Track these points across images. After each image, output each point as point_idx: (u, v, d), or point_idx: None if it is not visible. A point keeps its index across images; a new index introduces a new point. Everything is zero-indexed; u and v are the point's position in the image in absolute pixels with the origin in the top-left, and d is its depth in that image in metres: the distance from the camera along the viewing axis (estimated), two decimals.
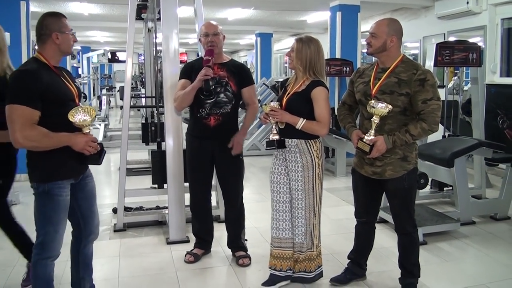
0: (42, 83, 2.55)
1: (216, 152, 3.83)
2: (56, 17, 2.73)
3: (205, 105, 3.72)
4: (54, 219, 2.71)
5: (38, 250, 2.75)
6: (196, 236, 4.16)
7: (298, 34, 14.55)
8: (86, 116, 2.65)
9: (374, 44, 3.09)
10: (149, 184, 5.31)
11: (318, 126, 3.29)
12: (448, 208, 5.42)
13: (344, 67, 8.14)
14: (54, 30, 2.68)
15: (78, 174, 2.85)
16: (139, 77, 17.30)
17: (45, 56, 2.70)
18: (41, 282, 2.79)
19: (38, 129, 2.53)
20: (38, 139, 2.54)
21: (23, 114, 2.49)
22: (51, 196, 2.68)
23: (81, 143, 2.64)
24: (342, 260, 3.83)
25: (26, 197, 6.11)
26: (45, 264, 2.76)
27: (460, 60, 5.50)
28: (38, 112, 2.54)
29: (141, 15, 6.98)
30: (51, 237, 2.72)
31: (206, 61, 3.61)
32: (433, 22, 8.90)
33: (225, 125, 3.78)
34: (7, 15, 6.87)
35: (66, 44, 2.74)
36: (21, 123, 2.48)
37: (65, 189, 2.73)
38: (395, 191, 3.20)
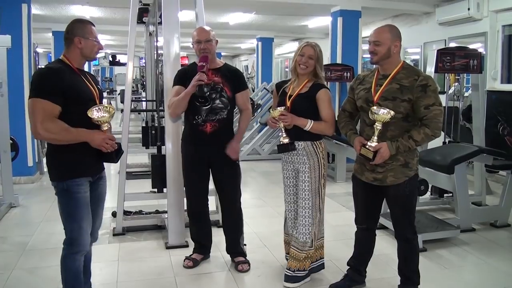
0: (64, 80, 2.68)
1: (212, 158, 3.83)
2: (82, 23, 2.88)
3: (201, 112, 3.71)
4: (77, 216, 2.81)
5: (67, 246, 2.87)
6: (195, 241, 4.14)
7: (299, 39, 14.60)
8: (104, 113, 2.76)
9: (380, 52, 3.07)
10: (149, 188, 5.30)
11: (325, 126, 3.45)
12: (448, 215, 5.41)
13: (345, 72, 8.15)
14: (77, 35, 2.81)
15: (95, 172, 2.96)
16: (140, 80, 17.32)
17: (69, 58, 2.83)
18: (70, 275, 2.90)
19: (59, 122, 2.66)
20: (58, 131, 2.65)
21: (44, 107, 2.61)
22: (70, 194, 2.78)
23: (98, 140, 2.75)
24: (341, 267, 3.82)
25: (25, 200, 6.13)
26: (74, 259, 2.88)
27: (461, 66, 5.49)
28: (59, 107, 2.66)
29: (143, 19, 7.01)
30: (76, 233, 2.83)
31: (200, 67, 3.60)
32: (434, 28, 8.91)
33: (221, 131, 3.78)
34: (8, 17, 6.88)
35: (89, 49, 2.86)
36: (42, 116, 2.60)
37: (83, 186, 2.82)
38: (396, 198, 3.20)
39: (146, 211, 5.22)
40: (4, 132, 5.78)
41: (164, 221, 4.89)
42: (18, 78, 6.86)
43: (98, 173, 3.00)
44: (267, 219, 5.48)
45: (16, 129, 6.50)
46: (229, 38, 16.08)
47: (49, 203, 5.82)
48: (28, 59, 7.14)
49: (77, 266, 2.90)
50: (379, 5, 8.65)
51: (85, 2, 9.18)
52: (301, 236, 3.52)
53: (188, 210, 4.10)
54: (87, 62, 3.06)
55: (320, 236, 3.64)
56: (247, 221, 5.09)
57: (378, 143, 3.05)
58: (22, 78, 6.96)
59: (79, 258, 2.90)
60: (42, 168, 7.79)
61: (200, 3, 4.68)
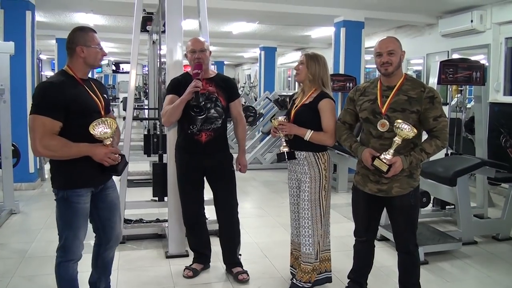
0: (65, 95, 2.66)
1: (208, 167, 3.82)
2: (83, 31, 2.83)
3: (196, 122, 3.71)
4: (74, 225, 2.81)
5: (60, 253, 2.87)
6: (194, 251, 4.13)
7: (302, 48, 14.62)
8: (106, 128, 2.73)
9: (394, 61, 3.05)
10: (150, 196, 5.29)
11: (325, 136, 3.44)
12: (450, 227, 5.38)
13: (348, 82, 8.16)
14: (79, 44, 2.78)
15: (98, 184, 2.94)
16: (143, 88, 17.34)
17: (73, 68, 2.81)
18: (64, 283, 2.91)
19: (57, 139, 2.65)
20: (57, 149, 2.65)
21: (43, 124, 2.60)
22: (69, 203, 2.78)
23: (100, 154, 2.74)
24: (342, 279, 3.79)
25: (25, 207, 6.12)
26: (67, 266, 2.88)
27: (463, 78, 5.49)
28: (59, 123, 2.65)
29: (146, 27, 7.02)
30: (70, 242, 2.83)
31: (195, 74, 3.63)
32: (437, 40, 8.92)
33: (216, 140, 3.78)
34: (12, 24, 6.92)
35: (92, 57, 2.82)
36: (41, 133, 2.60)
37: (83, 197, 2.81)
38: (402, 208, 3.18)
39: (146, 219, 5.20)
40: (6, 138, 5.77)
41: (164, 230, 4.87)
42: (21, 84, 6.88)
43: (102, 183, 2.98)
44: (269, 229, 5.46)
45: (18, 136, 6.50)
46: (232, 47, 16.13)
47: (50, 210, 5.80)
48: (31, 66, 7.17)
49: (70, 274, 2.90)
50: (382, 16, 8.68)
51: (89, 10, 9.21)
52: (303, 247, 3.51)
53: (185, 220, 4.09)
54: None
55: (325, 249, 3.61)
56: (248, 231, 5.08)
57: (393, 156, 3.02)
58: (25, 84, 6.98)
59: (72, 265, 2.89)
60: (44, 175, 7.80)
61: (204, 12, 4.68)
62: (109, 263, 3.24)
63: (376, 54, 3.11)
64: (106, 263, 3.21)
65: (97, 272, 3.21)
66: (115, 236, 3.14)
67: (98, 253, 3.15)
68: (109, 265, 3.25)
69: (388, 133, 3.03)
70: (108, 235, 3.09)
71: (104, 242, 3.12)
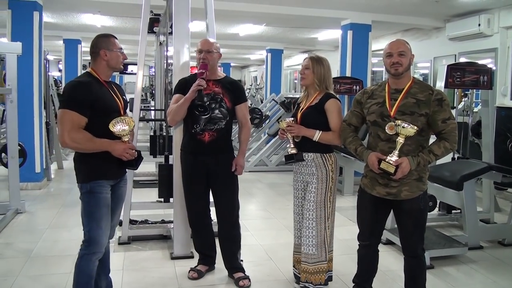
0: (92, 94, 2.88)
1: (210, 168, 3.82)
2: (105, 37, 3.08)
3: (199, 121, 3.72)
4: (97, 215, 2.96)
5: (85, 246, 2.99)
6: (199, 252, 4.12)
7: (309, 51, 14.61)
8: (125, 126, 2.95)
9: (404, 63, 3.05)
10: (156, 197, 5.29)
11: (334, 136, 3.46)
12: (456, 232, 5.36)
13: (354, 85, 8.16)
14: (103, 48, 3.01)
15: (116, 177, 3.13)
16: (149, 89, 17.37)
17: (97, 71, 3.04)
18: (83, 276, 3.00)
19: (83, 133, 2.86)
20: (82, 142, 2.86)
21: (72, 118, 2.81)
22: (93, 194, 2.95)
23: (119, 150, 2.94)
24: (347, 282, 3.79)
25: (31, 206, 6.14)
26: (89, 260, 2.98)
27: (471, 82, 5.48)
28: (85, 119, 2.86)
29: (153, 29, 7.04)
30: (94, 233, 2.96)
31: (200, 74, 3.65)
32: (444, 43, 8.90)
33: (219, 141, 3.79)
34: (20, 25, 6.96)
35: (114, 60, 3.06)
36: (70, 126, 2.81)
37: (105, 187, 3.00)
38: (410, 212, 3.16)
39: (152, 220, 5.21)
40: (12, 138, 5.80)
41: (170, 231, 4.88)
42: (28, 85, 6.91)
43: (120, 176, 3.18)
44: (274, 231, 5.45)
45: (24, 136, 6.54)
46: (239, 49, 16.13)
47: (55, 210, 5.83)
48: (39, 66, 7.19)
49: (91, 269, 3.00)
50: (390, 19, 8.67)
51: (97, 11, 9.25)
52: (305, 247, 3.50)
53: (190, 222, 4.09)
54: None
55: (330, 250, 3.61)
56: (253, 233, 5.08)
57: (399, 157, 3.02)
58: (32, 85, 7.01)
59: (94, 260, 3.00)
60: (50, 175, 7.83)
61: (211, 14, 4.69)
62: (106, 259, 3.30)
63: (386, 55, 3.10)
64: (104, 259, 3.24)
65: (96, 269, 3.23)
66: (112, 229, 3.22)
67: None
68: (107, 261, 3.32)
69: (396, 135, 3.02)
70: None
71: None
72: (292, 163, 3.59)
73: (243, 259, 4.08)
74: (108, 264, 3.34)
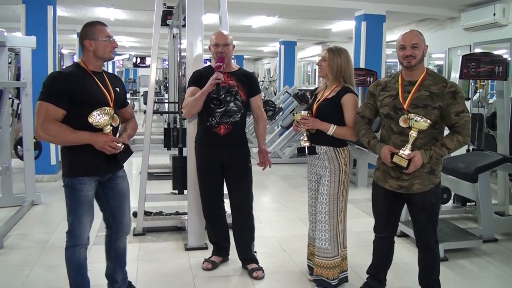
0: (70, 85, 2.80)
1: (225, 160, 3.83)
2: (91, 25, 2.96)
3: (215, 114, 3.73)
4: (78, 212, 2.94)
5: (67, 238, 3.01)
6: (213, 243, 4.15)
7: (323, 42, 14.55)
8: (104, 116, 2.82)
9: (418, 55, 3.02)
10: (170, 189, 5.33)
11: (348, 131, 3.42)
12: (471, 224, 5.33)
13: (368, 77, 8.10)
14: (87, 38, 2.91)
15: (103, 173, 3.03)
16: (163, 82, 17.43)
17: (85, 62, 2.95)
18: (72, 267, 3.04)
19: (57, 124, 2.78)
20: (56, 133, 2.79)
21: (47, 110, 2.76)
22: (73, 191, 2.92)
23: (100, 142, 2.84)
24: (361, 274, 3.79)
25: (47, 198, 6.21)
26: (74, 251, 3.00)
27: (486, 72, 5.41)
28: (62, 111, 2.79)
29: (167, 22, 7.05)
30: (75, 227, 2.97)
31: (217, 67, 3.65)
32: (459, 34, 8.81)
33: (234, 134, 3.80)
34: (34, 19, 7.01)
35: (101, 50, 2.93)
36: (43, 118, 2.75)
37: (86, 185, 2.93)
38: (422, 205, 3.14)
39: (166, 212, 5.25)
40: (28, 131, 5.86)
41: (184, 223, 4.91)
42: (43, 78, 6.82)
43: (109, 172, 3.07)
44: (287, 223, 5.47)
45: None
46: (252, 41, 16.11)
47: None
48: (53, 60, 7.25)
49: (77, 259, 3.02)
50: (404, 10, 8.59)
51: (110, 5, 9.28)
52: (318, 242, 3.50)
53: (204, 213, 4.12)
54: (107, 62, 3.12)
55: (344, 247, 3.58)
56: (266, 225, 5.10)
57: (412, 151, 3.00)
58: None
59: (79, 250, 3.01)
60: None
61: (224, 6, 4.69)
62: (122, 253, 3.32)
63: (399, 47, 3.07)
64: (119, 253, 3.29)
65: (111, 263, 3.30)
66: (124, 225, 3.24)
67: (110, 243, 3.26)
68: (122, 255, 3.32)
69: (409, 129, 2.99)
70: (118, 224, 3.21)
71: (114, 232, 3.23)
72: (304, 155, 3.58)
73: (257, 250, 4.09)
74: (125, 258, 3.35)
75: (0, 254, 4.29)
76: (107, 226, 3.25)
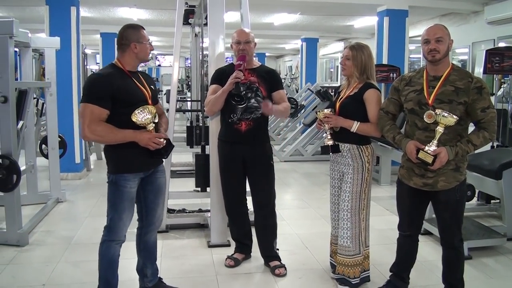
0: (112, 85, 2.89)
1: (247, 157, 3.84)
2: (135, 29, 3.08)
3: (236, 111, 3.75)
4: (119, 207, 3.03)
5: (105, 232, 3.09)
6: (236, 241, 4.17)
7: (345, 39, 14.48)
8: (147, 115, 2.93)
9: (442, 49, 2.99)
10: (193, 187, 5.36)
11: (372, 128, 3.40)
12: (495, 222, 5.25)
13: (391, 73, 8.05)
14: (133, 41, 3.02)
15: (147, 168, 3.15)
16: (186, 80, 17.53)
17: (122, 62, 3.05)
18: (104, 260, 3.10)
19: (104, 125, 2.87)
20: (104, 134, 2.89)
21: (92, 111, 2.84)
22: (117, 187, 3.01)
23: (144, 139, 2.95)
24: (384, 272, 3.77)
25: (72, 195, 6.31)
26: (109, 246, 3.08)
27: (510, 67, 5.34)
28: (106, 111, 2.88)
29: (188, 20, 7.08)
30: (115, 223, 3.04)
31: (238, 66, 3.67)
32: (482, 27, 8.69)
33: (256, 130, 3.80)
34: (58, 20, 7.12)
35: (143, 52, 3.08)
36: (89, 119, 2.83)
37: (130, 181, 3.02)
38: (447, 203, 3.11)
39: (189, 209, 5.28)
40: (53, 130, 5.96)
41: (207, 220, 4.93)
42: (67, 78, 7.07)
43: (152, 167, 3.19)
44: (309, 220, 5.46)
45: (64, 127, 6.69)
46: (274, 39, 16.10)
47: (95, 199, 5.97)
48: (77, 60, 7.35)
49: (111, 254, 3.09)
50: (427, 4, 8.52)
51: (133, 5, 9.37)
52: (340, 239, 3.49)
53: (227, 210, 4.13)
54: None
55: (366, 246, 3.56)
56: (288, 222, 5.10)
57: (438, 147, 2.97)
58: (71, 78, 7.18)
59: (114, 246, 3.09)
60: (89, 165, 8.01)
61: (245, 4, 4.69)
62: (152, 248, 3.38)
63: (423, 41, 3.05)
64: (150, 248, 3.36)
65: (141, 257, 3.36)
66: (156, 219, 3.32)
67: (140, 236, 3.33)
68: (153, 249, 3.39)
69: (434, 125, 2.96)
70: (150, 217, 3.28)
71: (145, 225, 3.29)
72: (327, 154, 3.57)
73: (279, 248, 4.10)
74: (155, 253, 3.42)
75: (25, 250, 4.36)
76: (139, 219, 3.32)
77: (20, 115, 5.10)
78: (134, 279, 3.46)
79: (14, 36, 4.40)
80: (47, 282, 3.70)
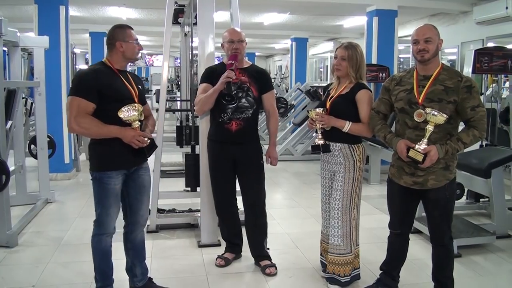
0: (100, 80, 2.96)
1: (237, 157, 3.84)
2: (122, 28, 3.14)
3: (226, 110, 3.74)
4: (105, 203, 3.10)
5: (95, 227, 3.17)
6: (226, 240, 4.17)
7: (334, 38, 14.51)
8: (133, 112, 2.98)
9: (431, 49, 3.00)
10: (183, 187, 5.35)
11: (364, 128, 3.41)
12: (484, 220, 5.30)
13: (380, 72, 8.07)
14: (118, 40, 3.08)
15: (130, 166, 3.18)
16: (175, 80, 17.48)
17: (111, 61, 3.11)
18: (97, 253, 3.19)
19: (90, 118, 2.94)
20: (88, 126, 2.95)
21: (78, 104, 2.91)
22: (101, 184, 3.07)
23: (128, 136, 2.99)
24: (374, 270, 3.78)
25: (61, 196, 6.27)
26: (100, 239, 3.16)
27: (499, 67, 5.38)
28: (93, 105, 2.93)
29: (178, 20, 7.07)
30: (102, 218, 3.13)
31: (229, 65, 3.66)
32: (471, 28, 8.75)
33: (246, 130, 3.80)
34: (47, 19, 7.08)
35: (130, 51, 3.12)
36: (76, 112, 2.90)
37: (113, 178, 3.07)
38: (437, 201, 3.14)
39: (179, 209, 5.27)
40: (42, 130, 5.92)
41: (197, 220, 4.93)
42: (56, 77, 7.03)
43: (135, 165, 3.21)
44: (300, 220, 5.47)
45: (53, 127, 6.66)
46: (263, 38, 16.11)
47: (84, 200, 5.94)
48: (66, 59, 7.30)
49: (103, 246, 3.17)
50: (416, 4, 8.56)
51: (122, 4, 9.33)
52: (331, 238, 3.50)
53: (217, 210, 4.13)
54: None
55: (356, 244, 3.57)
56: (279, 221, 5.10)
57: (428, 145, 2.99)
58: (60, 78, 7.13)
59: (105, 239, 3.17)
60: (78, 166, 7.96)
61: (235, 4, 4.69)
62: (140, 247, 3.40)
63: (413, 41, 3.07)
64: (137, 246, 3.37)
65: (129, 256, 3.38)
66: (141, 216, 3.34)
67: (127, 235, 3.35)
68: (140, 248, 3.41)
69: (424, 123, 2.98)
70: (135, 215, 3.30)
71: (131, 223, 3.32)
72: (318, 153, 3.57)
73: (270, 247, 4.10)
74: (143, 252, 3.44)
75: (15, 251, 4.33)
76: (124, 217, 3.32)
77: (9, 115, 5.05)
78: (124, 279, 3.45)
79: (3, 35, 4.38)
80: (37, 283, 3.68)
